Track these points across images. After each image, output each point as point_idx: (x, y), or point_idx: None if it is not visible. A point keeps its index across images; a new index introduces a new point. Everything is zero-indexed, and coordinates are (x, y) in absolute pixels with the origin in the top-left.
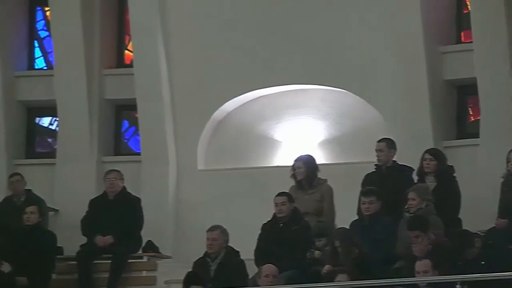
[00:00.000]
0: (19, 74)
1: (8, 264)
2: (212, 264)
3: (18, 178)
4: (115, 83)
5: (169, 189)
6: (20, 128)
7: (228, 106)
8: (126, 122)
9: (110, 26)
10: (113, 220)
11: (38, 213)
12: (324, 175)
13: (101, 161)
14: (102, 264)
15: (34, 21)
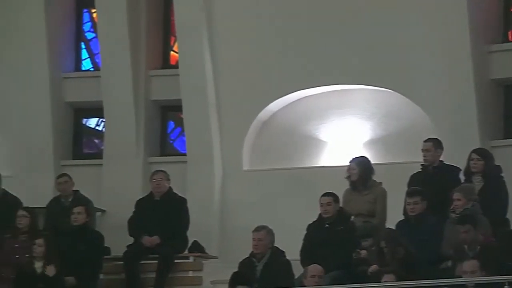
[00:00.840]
0: (66, 76)
1: (54, 267)
2: (258, 265)
3: (66, 179)
4: (160, 84)
5: (214, 189)
6: (67, 129)
7: (273, 106)
8: (171, 123)
9: (156, 28)
10: (159, 221)
11: (86, 213)
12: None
13: (147, 161)
14: (149, 264)
15: (81, 23)
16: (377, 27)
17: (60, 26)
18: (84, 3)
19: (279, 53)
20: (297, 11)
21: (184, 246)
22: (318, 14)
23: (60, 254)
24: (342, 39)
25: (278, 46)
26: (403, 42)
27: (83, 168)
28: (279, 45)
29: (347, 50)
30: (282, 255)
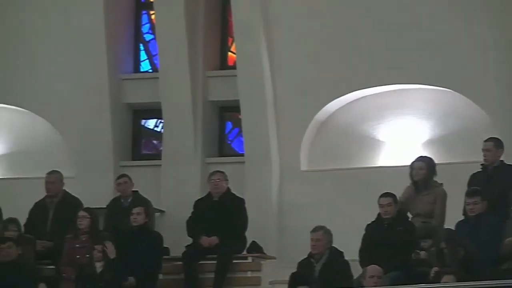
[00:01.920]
0: (125, 77)
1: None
2: (317, 265)
3: (125, 179)
4: (218, 85)
5: (272, 189)
6: (126, 131)
7: (330, 106)
8: (229, 123)
9: (214, 29)
10: (218, 221)
11: (145, 214)
12: None
13: (205, 162)
14: (208, 264)
15: (139, 24)
16: (436, 26)
17: (119, 28)
18: (143, 5)
19: (337, 53)
20: (355, 11)
21: (243, 247)
22: (376, 13)
23: (120, 255)
24: (400, 38)
25: (336, 46)
26: (461, 41)
27: (142, 169)
28: (337, 45)
29: (405, 50)
30: (341, 255)
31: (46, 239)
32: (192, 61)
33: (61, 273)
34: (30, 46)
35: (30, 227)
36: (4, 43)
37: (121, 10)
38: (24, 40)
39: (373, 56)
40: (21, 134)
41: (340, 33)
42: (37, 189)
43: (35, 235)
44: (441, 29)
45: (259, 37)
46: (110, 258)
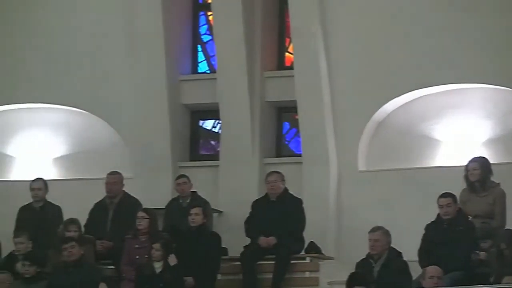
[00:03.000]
0: (183, 78)
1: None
2: (375, 265)
3: (184, 180)
4: (276, 85)
5: (330, 190)
6: (184, 131)
7: (388, 106)
8: (287, 124)
9: (271, 29)
10: (276, 221)
11: (203, 214)
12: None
13: (263, 163)
14: (266, 265)
15: (197, 25)
16: (495, 24)
17: (177, 29)
18: (201, 6)
19: (394, 53)
20: (413, 10)
21: (301, 247)
22: (434, 12)
23: (179, 255)
24: (458, 38)
25: (393, 45)
26: None
27: (200, 169)
28: (394, 44)
29: (464, 49)
30: (400, 256)
31: (106, 239)
32: (250, 62)
33: (121, 273)
34: (89, 47)
35: (90, 228)
36: (62, 46)
37: (179, 11)
38: (83, 41)
39: (431, 55)
40: (80, 135)
41: (398, 32)
42: (97, 189)
43: (95, 236)
44: (500, 28)
45: (317, 37)
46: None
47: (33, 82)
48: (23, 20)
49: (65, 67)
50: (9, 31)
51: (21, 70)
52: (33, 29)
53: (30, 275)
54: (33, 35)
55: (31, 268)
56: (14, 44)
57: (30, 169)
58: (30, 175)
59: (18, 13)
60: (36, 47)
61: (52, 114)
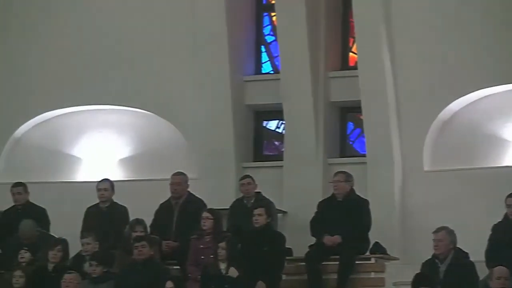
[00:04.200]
0: (247, 79)
1: (237, 268)
2: (441, 266)
3: (249, 180)
4: (340, 86)
5: (395, 190)
6: (248, 132)
7: (454, 105)
8: (351, 124)
9: (335, 29)
10: (341, 222)
11: (266, 214)
12: None
13: (327, 163)
14: (331, 265)
15: (261, 26)
16: None
17: (240, 30)
18: (264, 7)
19: (459, 52)
20: (478, 8)
21: (366, 247)
22: (499, 10)
23: (243, 255)
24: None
25: (459, 44)
26: None
27: (264, 170)
28: (459, 43)
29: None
30: (466, 256)
31: (171, 239)
32: (313, 62)
33: (186, 273)
34: (154, 49)
35: (155, 228)
36: (127, 48)
37: (243, 12)
38: (148, 43)
39: (498, 53)
40: (145, 136)
41: (463, 32)
42: (162, 190)
43: (161, 236)
44: None
45: (381, 37)
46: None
47: (99, 84)
48: (88, 21)
49: (130, 68)
50: (75, 32)
51: (88, 72)
52: (101, 30)
53: (97, 275)
54: (100, 37)
55: (98, 268)
56: (81, 46)
57: (96, 170)
58: (96, 176)
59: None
60: (102, 49)
61: (118, 116)
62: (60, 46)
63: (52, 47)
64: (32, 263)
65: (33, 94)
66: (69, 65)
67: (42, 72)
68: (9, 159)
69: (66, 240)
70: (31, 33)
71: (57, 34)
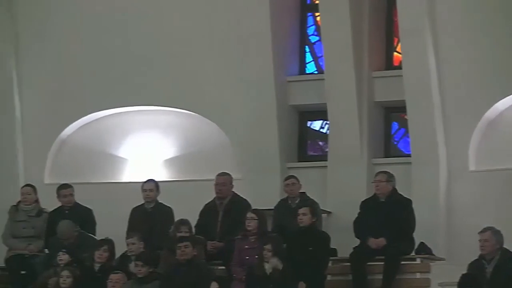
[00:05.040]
0: (291, 79)
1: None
2: (488, 267)
3: (293, 180)
4: (384, 85)
5: (440, 190)
6: (292, 132)
7: (500, 105)
8: (395, 124)
9: (379, 29)
10: (385, 222)
11: (311, 214)
12: None
13: (371, 163)
14: (376, 265)
15: (305, 26)
16: None
17: (284, 30)
18: (308, 7)
19: (505, 50)
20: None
21: (411, 248)
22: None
23: (288, 255)
24: None
25: (504, 43)
26: None
27: (308, 170)
28: (505, 42)
29: None
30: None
31: (216, 240)
32: (358, 62)
33: (231, 274)
34: (199, 50)
35: (200, 228)
36: (171, 48)
37: (287, 12)
38: (193, 44)
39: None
40: (190, 137)
41: (506, 30)
42: (207, 191)
43: (206, 236)
44: None
45: (425, 36)
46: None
47: (145, 85)
48: (134, 22)
49: (175, 70)
50: (122, 34)
51: (133, 73)
52: (147, 31)
53: (142, 275)
54: (146, 38)
55: (144, 268)
56: (127, 47)
57: (141, 171)
58: (141, 177)
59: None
60: (148, 51)
61: (163, 116)
62: (106, 47)
63: (98, 48)
64: (70, 264)
65: (79, 96)
66: (115, 67)
67: (88, 73)
68: (56, 160)
69: (112, 241)
70: (78, 34)
71: (104, 35)
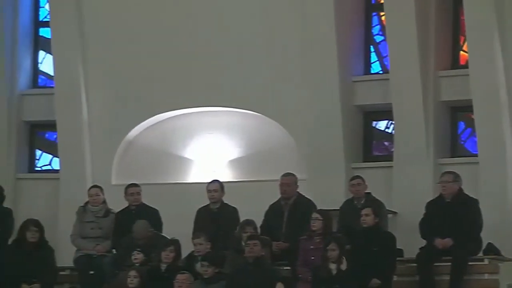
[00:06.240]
0: (356, 79)
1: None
2: None
3: (359, 181)
4: (450, 85)
5: (508, 190)
6: (357, 132)
7: None
8: (462, 123)
9: (445, 27)
10: (451, 222)
11: (373, 215)
12: None
13: (438, 163)
14: (443, 266)
15: (370, 26)
16: None
17: (349, 30)
18: (373, 7)
19: None
20: None
21: (478, 248)
22: None
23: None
24: None
25: None
26: None
27: (374, 170)
28: None
29: None
30: None
31: (281, 240)
32: (423, 61)
33: (296, 274)
34: (263, 50)
35: (266, 229)
36: (236, 50)
37: (352, 12)
38: (257, 45)
39: None
40: (255, 137)
41: None
42: (272, 191)
43: (271, 237)
44: None
45: (492, 34)
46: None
47: (210, 86)
48: (199, 24)
49: (240, 70)
50: (187, 36)
51: (198, 74)
52: (212, 33)
53: (208, 275)
54: (210, 40)
55: (210, 269)
56: (192, 49)
57: (206, 172)
58: (206, 178)
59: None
60: (212, 52)
61: (228, 117)
62: (172, 48)
63: (165, 49)
64: (145, 263)
65: (146, 97)
66: (180, 68)
67: (155, 75)
68: (122, 161)
69: (178, 241)
70: (144, 35)
71: (169, 37)
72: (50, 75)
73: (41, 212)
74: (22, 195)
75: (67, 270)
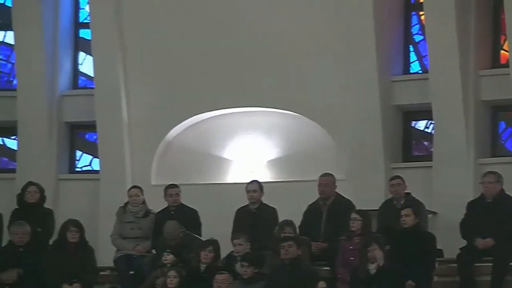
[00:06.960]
0: (395, 79)
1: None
2: None
3: (399, 181)
4: (491, 84)
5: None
6: (396, 132)
7: None
8: (502, 123)
9: (485, 27)
10: (492, 223)
11: (413, 215)
12: None
13: (478, 163)
14: (484, 267)
15: (409, 25)
16: None
17: (388, 29)
18: (413, 6)
19: None
20: None
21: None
22: None
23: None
24: None
25: None
26: None
27: (413, 170)
28: None
29: None
30: None
31: (320, 240)
32: (463, 61)
33: (336, 275)
34: (301, 50)
35: (305, 229)
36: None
37: (391, 11)
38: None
39: None
40: (293, 138)
41: None
42: (310, 191)
43: (310, 237)
44: None
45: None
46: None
47: (249, 87)
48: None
49: (278, 70)
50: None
51: (237, 74)
52: (251, 33)
53: (248, 275)
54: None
55: (249, 269)
56: (232, 49)
57: (245, 172)
58: (245, 178)
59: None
60: (252, 52)
61: (266, 117)
62: (212, 48)
63: (204, 49)
64: (176, 264)
65: (185, 97)
66: (220, 68)
67: (195, 74)
68: (161, 161)
69: (217, 241)
70: (185, 35)
71: (212, 36)
72: (90, 76)
73: (81, 213)
74: (63, 196)
75: (107, 270)
